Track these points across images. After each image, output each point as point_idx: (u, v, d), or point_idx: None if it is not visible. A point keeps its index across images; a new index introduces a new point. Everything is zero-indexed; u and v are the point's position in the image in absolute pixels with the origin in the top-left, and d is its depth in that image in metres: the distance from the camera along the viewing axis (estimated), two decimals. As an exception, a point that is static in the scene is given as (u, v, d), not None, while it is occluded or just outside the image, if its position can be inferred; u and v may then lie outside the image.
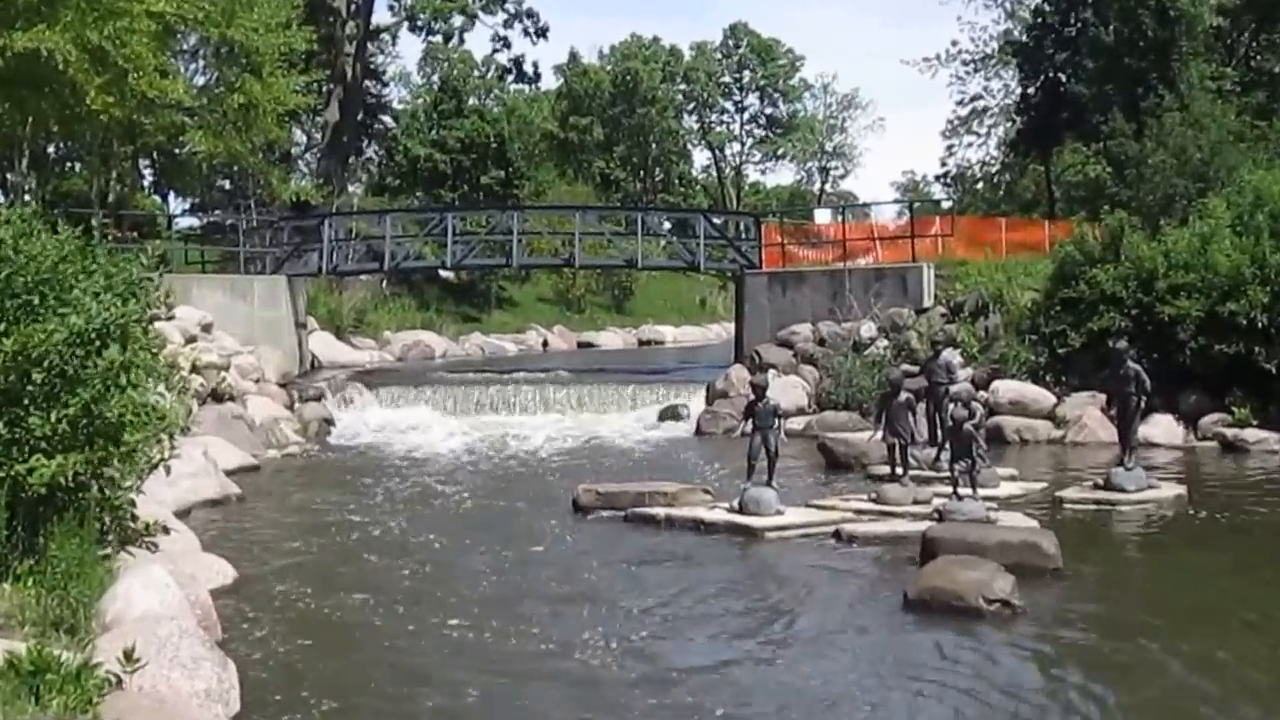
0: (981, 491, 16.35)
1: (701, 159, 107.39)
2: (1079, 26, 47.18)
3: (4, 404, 10.10)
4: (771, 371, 28.03)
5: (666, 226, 47.51)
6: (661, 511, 16.64)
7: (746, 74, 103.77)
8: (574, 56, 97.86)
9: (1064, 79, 48.61)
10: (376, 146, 68.38)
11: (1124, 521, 16.60)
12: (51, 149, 42.10)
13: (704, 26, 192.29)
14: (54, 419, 10.02)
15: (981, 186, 69.00)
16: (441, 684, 9.81)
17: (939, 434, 19.78)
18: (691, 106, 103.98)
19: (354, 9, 52.51)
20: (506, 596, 12.48)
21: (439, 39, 68.71)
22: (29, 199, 32.65)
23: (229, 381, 25.66)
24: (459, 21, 64.87)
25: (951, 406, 17.37)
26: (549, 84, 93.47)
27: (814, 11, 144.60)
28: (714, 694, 9.51)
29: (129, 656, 8.07)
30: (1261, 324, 24.24)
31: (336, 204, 49.80)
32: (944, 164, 69.11)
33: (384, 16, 66.49)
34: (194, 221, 51.77)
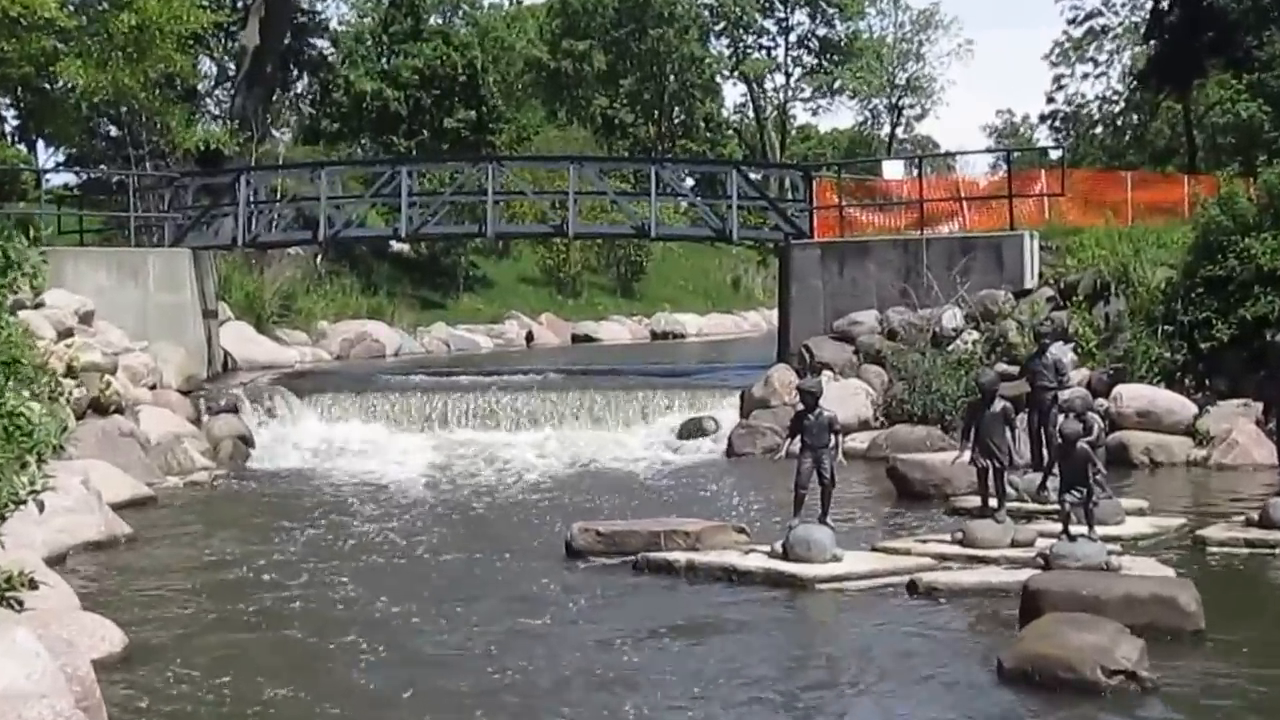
0: (1100, 530, 16.31)
1: (734, 95, 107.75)
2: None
3: None
4: (826, 374, 27.98)
5: (689, 184, 47.59)
6: (682, 557, 16.62)
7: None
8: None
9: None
10: (309, 80, 68.40)
11: (1287, 569, 16.60)
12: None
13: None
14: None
15: (1100, 131, 69.11)
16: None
17: (1045, 455, 19.74)
18: (721, 27, 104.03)
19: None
20: (477, 691, 12.17)
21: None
22: None
23: (116, 388, 25.67)
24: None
25: (1061, 419, 17.31)
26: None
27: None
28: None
29: (-14, 747, 8.09)
30: None
31: (257, 155, 49.79)
32: (1051, 101, 69.33)
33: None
34: (70, 179, 51.78)
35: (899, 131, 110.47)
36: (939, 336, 29.22)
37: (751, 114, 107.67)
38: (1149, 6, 54.93)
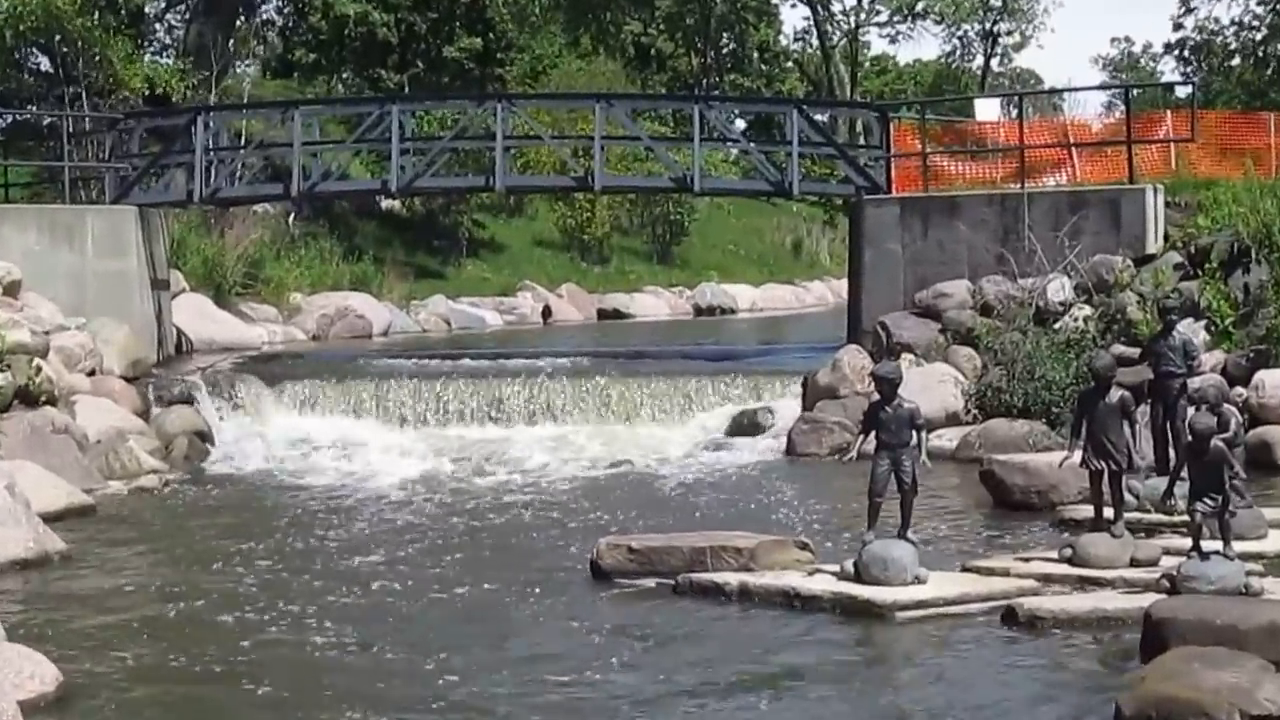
0: (1238, 545, 16.28)
1: (795, 20, 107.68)
2: None
3: None
4: (906, 358, 28.01)
5: (740, 126, 47.61)
6: (733, 579, 16.61)
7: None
8: None
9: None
10: (279, 1, 68.58)
11: None
12: None
13: None
14: None
15: (1239, 64, 68.80)
16: None
17: (1171, 455, 19.70)
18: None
19: None
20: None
21: None
22: None
23: (47, 374, 25.74)
24: None
25: (1191, 411, 17.27)
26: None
27: None
28: None
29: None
30: None
31: (217, 93, 49.91)
32: (1179, 28, 69.07)
33: None
34: (-8, 122, 52.05)
35: (994, 64, 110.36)
36: (1043, 312, 29.15)
37: (816, 42, 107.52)
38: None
